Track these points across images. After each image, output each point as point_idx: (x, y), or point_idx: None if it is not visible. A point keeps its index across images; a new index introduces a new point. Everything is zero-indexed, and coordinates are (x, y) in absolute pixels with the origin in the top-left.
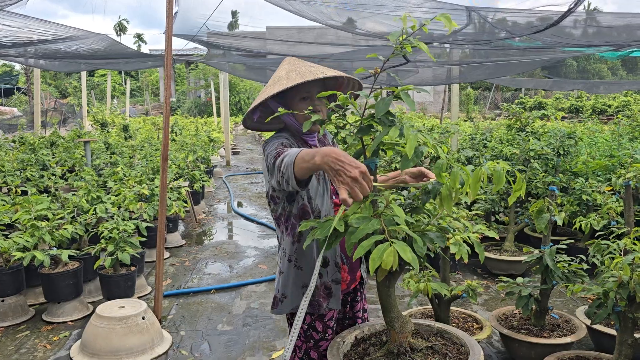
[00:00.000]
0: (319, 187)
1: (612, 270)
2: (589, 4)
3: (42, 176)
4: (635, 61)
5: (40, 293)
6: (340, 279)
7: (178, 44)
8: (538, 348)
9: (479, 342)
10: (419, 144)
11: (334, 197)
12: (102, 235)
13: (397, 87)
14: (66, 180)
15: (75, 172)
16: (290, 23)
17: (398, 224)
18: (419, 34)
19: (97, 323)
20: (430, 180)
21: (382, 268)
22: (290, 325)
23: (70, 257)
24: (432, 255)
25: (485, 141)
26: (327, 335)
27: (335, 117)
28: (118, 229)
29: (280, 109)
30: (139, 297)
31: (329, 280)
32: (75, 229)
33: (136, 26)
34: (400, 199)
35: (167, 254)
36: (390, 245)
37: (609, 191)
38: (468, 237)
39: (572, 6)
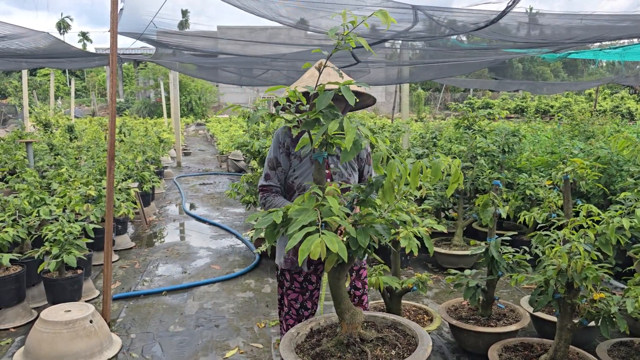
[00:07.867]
0: (309, 169)
1: (551, 259)
2: (531, 8)
3: None
4: (575, 63)
5: None
6: None
7: (126, 42)
8: (485, 337)
9: (429, 333)
10: (359, 137)
11: (327, 180)
12: (46, 238)
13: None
14: (7, 182)
15: (17, 174)
16: (243, 23)
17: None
18: (371, 33)
19: (42, 328)
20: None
21: (329, 260)
22: (276, 276)
23: (11, 261)
24: (376, 246)
25: (434, 140)
26: (293, 286)
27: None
28: (63, 231)
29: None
30: (86, 301)
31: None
32: (17, 232)
33: (84, 24)
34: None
35: (116, 257)
36: (319, 237)
37: (549, 185)
38: (418, 231)
39: (510, 4)
